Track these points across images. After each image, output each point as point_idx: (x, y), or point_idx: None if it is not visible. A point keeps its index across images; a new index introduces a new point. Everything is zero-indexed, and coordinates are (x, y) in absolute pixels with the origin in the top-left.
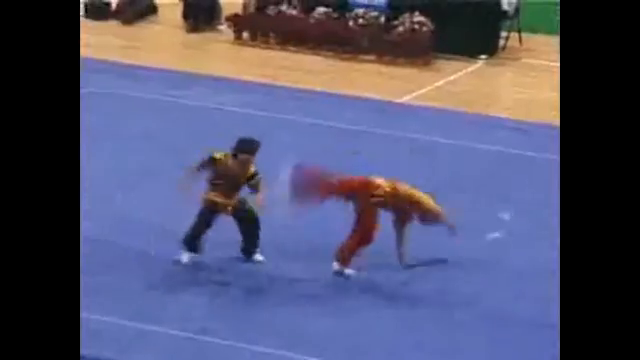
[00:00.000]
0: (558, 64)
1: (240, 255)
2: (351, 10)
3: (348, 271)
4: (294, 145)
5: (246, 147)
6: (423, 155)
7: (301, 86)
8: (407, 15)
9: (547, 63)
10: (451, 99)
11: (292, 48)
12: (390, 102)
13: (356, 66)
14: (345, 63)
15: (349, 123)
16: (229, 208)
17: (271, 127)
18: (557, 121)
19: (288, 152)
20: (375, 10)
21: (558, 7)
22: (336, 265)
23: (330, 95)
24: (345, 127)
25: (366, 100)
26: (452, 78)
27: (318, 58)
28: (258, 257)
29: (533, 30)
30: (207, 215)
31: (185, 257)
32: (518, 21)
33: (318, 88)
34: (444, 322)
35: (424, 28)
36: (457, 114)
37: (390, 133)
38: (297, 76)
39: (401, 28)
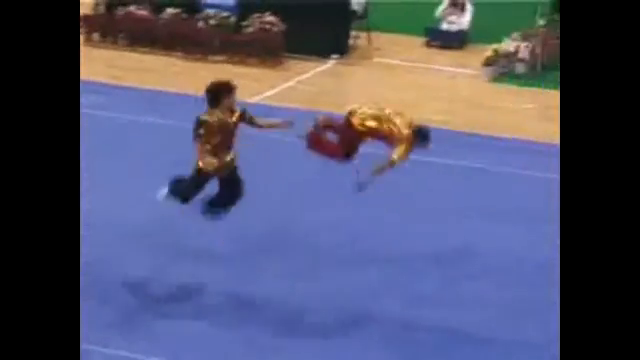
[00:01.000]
0: (409, 63)
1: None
2: (201, 11)
3: None
4: (143, 145)
5: (223, 91)
6: (274, 156)
7: (150, 87)
8: (257, 15)
9: (397, 62)
10: (303, 99)
11: (142, 49)
12: (241, 102)
13: (206, 67)
14: (195, 64)
15: None
16: (222, 170)
17: (121, 128)
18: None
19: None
20: (225, 11)
21: (410, 6)
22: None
23: (180, 96)
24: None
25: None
26: (303, 78)
27: (168, 59)
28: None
29: (382, 29)
30: (201, 180)
31: (163, 193)
32: (367, 21)
33: (168, 89)
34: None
35: (274, 28)
36: (308, 114)
37: (240, 132)
38: (146, 77)
39: (251, 28)
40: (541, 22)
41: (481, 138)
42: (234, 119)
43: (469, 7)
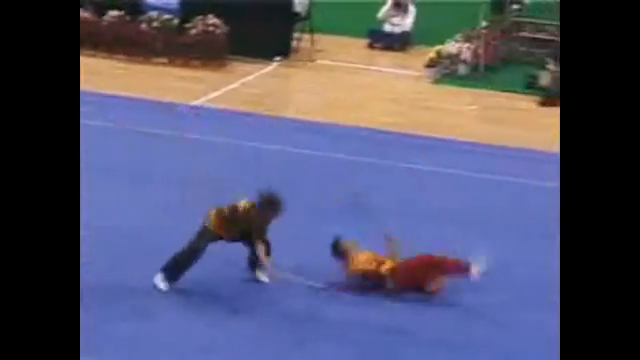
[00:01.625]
0: (352, 64)
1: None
2: (144, 13)
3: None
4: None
5: (274, 205)
6: (220, 157)
7: (94, 89)
8: (200, 18)
9: (340, 64)
10: (246, 101)
11: (85, 51)
12: (185, 105)
13: (149, 69)
14: (138, 66)
15: (142, 125)
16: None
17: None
18: (355, 121)
19: None
20: (168, 13)
21: (353, 8)
22: None
23: (123, 98)
24: (139, 130)
25: (160, 103)
26: (247, 80)
27: (111, 61)
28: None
29: (325, 31)
30: (203, 244)
31: (164, 285)
32: (310, 22)
33: (111, 91)
34: None
35: (218, 30)
36: (252, 116)
37: (189, 137)
38: (90, 79)
39: (195, 30)
40: (483, 23)
41: (424, 139)
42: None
43: (412, 9)
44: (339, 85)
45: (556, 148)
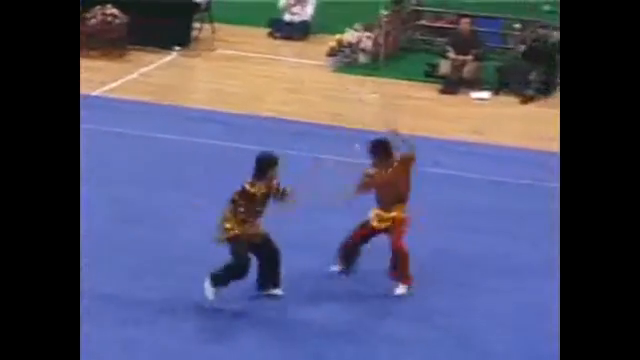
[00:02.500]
0: (253, 54)
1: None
2: None
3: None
4: None
5: (272, 164)
6: (120, 147)
7: None
8: (99, 7)
9: (241, 54)
10: (146, 91)
11: None
12: (84, 95)
13: None
14: None
15: None
16: (257, 238)
17: None
18: (256, 111)
19: None
20: None
21: None
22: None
23: None
24: None
25: None
26: (146, 70)
27: None
28: (277, 291)
29: (225, 21)
30: (244, 253)
31: (211, 293)
32: (210, 12)
33: None
34: None
35: (117, 20)
36: (153, 106)
37: (87, 127)
38: None
39: (94, 20)
40: (383, 12)
41: (326, 129)
42: (267, 196)
43: None
44: (240, 75)
45: (456, 135)
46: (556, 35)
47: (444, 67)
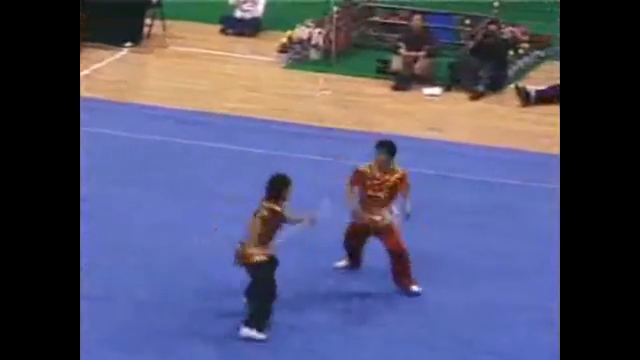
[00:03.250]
0: (204, 51)
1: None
2: None
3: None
4: None
5: (284, 183)
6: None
7: None
8: None
9: (193, 50)
10: (98, 88)
11: None
12: None
13: None
14: None
15: None
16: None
17: None
18: (207, 107)
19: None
20: None
21: None
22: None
23: None
24: None
25: None
26: (98, 66)
27: None
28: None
29: (177, 17)
30: (270, 277)
31: (259, 334)
32: (162, 8)
33: None
34: None
35: None
36: (105, 102)
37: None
38: None
39: None
40: (334, 8)
41: (278, 125)
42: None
43: None
44: (191, 71)
45: (408, 131)
46: (506, 31)
47: (396, 63)
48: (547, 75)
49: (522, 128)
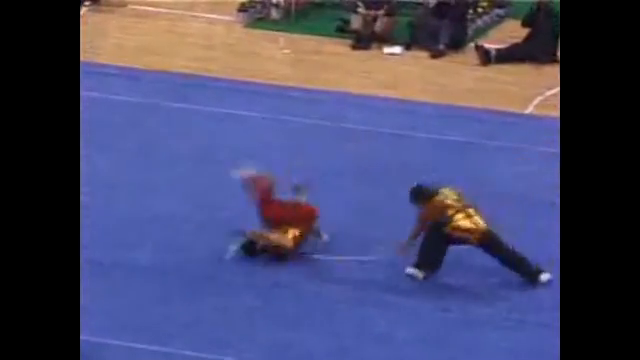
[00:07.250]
0: (163, 9)
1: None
2: None
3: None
4: None
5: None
6: None
7: None
8: None
9: (152, 9)
10: None
11: None
12: None
13: None
14: None
15: None
16: None
17: None
18: (165, 67)
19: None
20: None
21: None
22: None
23: None
24: None
25: None
26: None
27: None
28: None
29: None
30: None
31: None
32: None
33: None
34: None
35: None
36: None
37: None
38: None
39: None
40: None
41: (236, 83)
42: None
43: None
44: (151, 30)
45: (368, 90)
46: None
47: (356, 22)
48: (507, 34)
49: (482, 87)
